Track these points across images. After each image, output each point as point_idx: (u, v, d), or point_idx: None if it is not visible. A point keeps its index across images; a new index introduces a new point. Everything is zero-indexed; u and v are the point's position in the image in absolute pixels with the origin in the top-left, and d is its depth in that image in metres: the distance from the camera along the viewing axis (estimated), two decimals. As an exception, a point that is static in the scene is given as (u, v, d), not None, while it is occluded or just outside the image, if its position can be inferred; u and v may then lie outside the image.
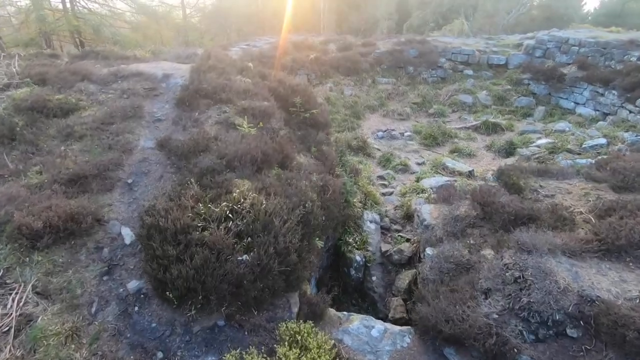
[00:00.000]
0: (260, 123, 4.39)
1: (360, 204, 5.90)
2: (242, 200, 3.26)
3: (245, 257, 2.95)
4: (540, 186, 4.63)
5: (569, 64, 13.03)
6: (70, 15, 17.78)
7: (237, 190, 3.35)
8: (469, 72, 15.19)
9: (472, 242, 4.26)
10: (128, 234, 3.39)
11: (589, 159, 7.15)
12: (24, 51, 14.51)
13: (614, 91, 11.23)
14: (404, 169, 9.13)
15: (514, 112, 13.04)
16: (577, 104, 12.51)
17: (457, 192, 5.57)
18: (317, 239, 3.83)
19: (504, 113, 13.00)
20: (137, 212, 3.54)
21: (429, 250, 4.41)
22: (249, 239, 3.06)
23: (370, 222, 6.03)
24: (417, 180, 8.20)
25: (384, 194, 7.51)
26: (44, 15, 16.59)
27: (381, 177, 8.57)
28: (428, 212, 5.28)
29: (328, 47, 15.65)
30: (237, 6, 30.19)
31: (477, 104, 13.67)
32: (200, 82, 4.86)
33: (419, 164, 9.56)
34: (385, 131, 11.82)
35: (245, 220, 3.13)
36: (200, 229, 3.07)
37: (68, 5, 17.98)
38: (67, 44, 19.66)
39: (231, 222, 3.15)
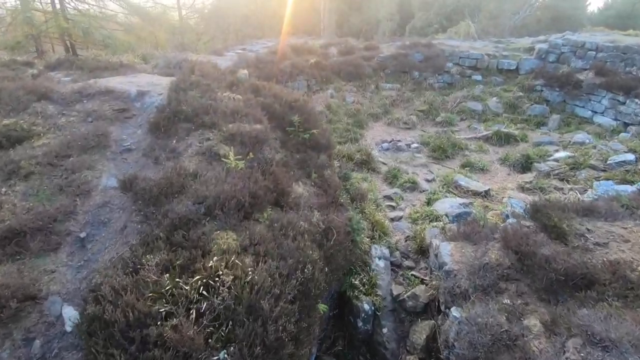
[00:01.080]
0: (251, 153, 3.63)
1: (367, 239, 5.11)
2: (222, 271, 2.49)
3: (223, 354, 2.19)
4: (588, 230, 3.85)
5: (586, 69, 12.26)
6: (60, 17, 16.98)
7: (216, 257, 2.56)
8: (478, 77, 14.41)
9: (508, 302, 3.48)
10: (70, 316, 2.59)
11: (631, 186, 6.35)
12: (9, 55, 13.66)
13: (636, 100, 10.46)
14: (413, 186, 8.34)
15: (526, 120, 12.26)
16: (595, 112, 11.73)
17: (481, 228, 4.77)
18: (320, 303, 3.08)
19: (516, 122, 12.22)
20: (88, 280, 2.74)
21: (455, 312, 3.61)
22: (229, 325, 2.29)
23: (379, 258, 5.25)
24: (428, 202, 7.41)
25: (392, 219, 6.72)
26: (30, 17, 15.81)
27: (388, 197, 7.78)
28: (448, 252, 4.49)
29: (329, 51, 14.87)
30: (236, 7, 29.43)
31: (487, 111, 12.89)
32: (179, 103, 4.09)
33: (428, 180, 8.77)
34: (390, 142, 11.03)
35: (224, 301, 2.36)
36: (162, 317, 2.29)
37: (58, 6, 17.21)
38: (60, 46, 18.87)
39: (205, 302, 2.37)
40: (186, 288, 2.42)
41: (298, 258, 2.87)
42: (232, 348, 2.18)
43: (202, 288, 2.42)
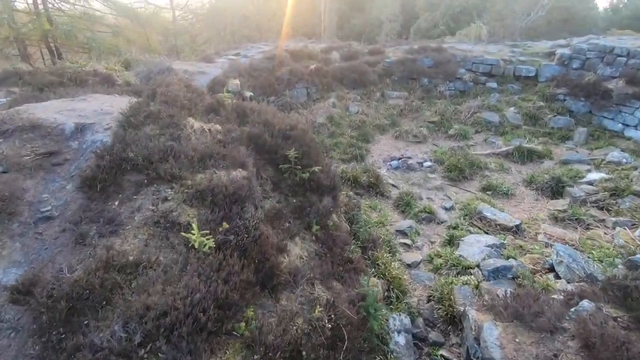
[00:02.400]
0: (224, 223, 2.52)
1: (384, 311, 3.97)
2: None
3: None
4: None
5: (615, 77, 11.14)
6: (43, 18, 15.85)
7: None
8: (493, 84, 13.29)
9: None
10: None
11: None
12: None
13: (676, 113, 9.34)
14: (429, 217, 7.21)
15: (549, 134, 11.14)
16: (627, 126, 10.62)
17: (536, 300, 3.65)
18: None
19: (537, 135, 11.10)
20: None
21: None
22: None
23: (399, 332, 4.11)
24: (450, 240, 6.29)
25: (409, 266, 5.60)
26: (9, 18, 14.68)
27: (402, 233, 6.66)
28: (496, 341, 3.36)
29: (330, 56, 13.75)
30: (233, 7, 28.33)
31: (504, 123, 11.77)
32: (126, 146, 2.99)
33: (446, 208, 7.65)
34: (400, 159, 9.91)
35: None
36: None
37: (41, 6, 16.09)
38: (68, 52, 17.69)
39: None
40: None
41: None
42: None
43: None
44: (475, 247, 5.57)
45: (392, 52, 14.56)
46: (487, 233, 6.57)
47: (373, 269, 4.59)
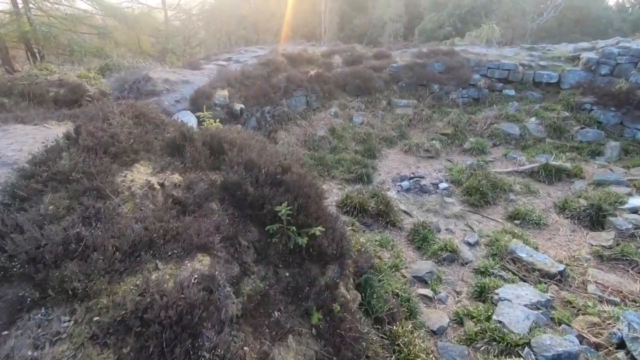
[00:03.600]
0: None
1: None
2: None
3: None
4: None
5: (650, 85, 10.01)
6: (24, 18, 14.72)
7: None
8: (510, 92, 12.18)
9: None
10: None
11: None
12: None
13: None
14: (452, 256, 6.09)
15: (577, 148, 10.01)
16: (666, 140, 9.49)
17: None
18: None
19: (563, 150, 9.98)
20: None
21: None
22: None
23: None
24: (481, 291, 5.17)
25: (434, 332, 4.47)
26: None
27: (420, 280, 5.54)
28: None
29: (332, 60, 12.64)
30: (229, 7, 27.23)
31: (525, 135, 10.65)
32: (1, 237, 1.83)
33: (470, 244, 6.52)
34: (411, 179, 8.78)
35: None
36: None
37: (20, 5, 14.97)
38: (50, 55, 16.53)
39: None
40: None
41: None
42: None
43: None
44: (517, 309, 4.43)
45: (398, 55, 13.44)
46: (524, 280, 5.44)
47: (393, 356, 3.46)
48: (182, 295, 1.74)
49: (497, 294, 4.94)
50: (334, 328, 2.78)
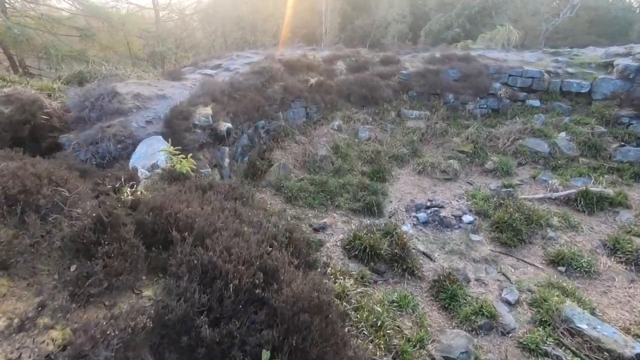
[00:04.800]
0: None
1: None
2: None
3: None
4: None
5: (701, 97, 8.79)
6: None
7: None
8: (535, 102, 10.95)
9: None
10: None
11: None
12: None
13: None
14: (489, 323, 4.84)
15: (617, 170, 8.78)
16: None
17: None
18: None
19: (601, 171, 8.75)
20: None
21: None
22: None
23: None
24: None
25: None
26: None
27: (452, 362, 4.28)
28: None
29: (335, 67, 11.42)
30: (225, 8, 26.00)
31: (555, 153, 9.42)
32: None
33: (509, 303, 5.28)
34: (429, 208, 7.55)
35: None
36: None
37: None
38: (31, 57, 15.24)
39: None
40: None
41: None
42: None
43: None
44: None
45: (408, 61, 12.21)
46: (588, 363, 4.20)
47: None
48: None
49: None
50: None
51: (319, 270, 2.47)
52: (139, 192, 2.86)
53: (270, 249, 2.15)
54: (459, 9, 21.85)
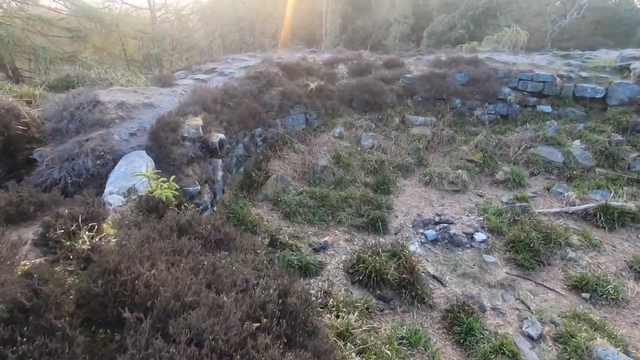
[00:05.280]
0: None
1: None
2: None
3: None
4: None
5: None
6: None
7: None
8: (546, 108, 10.44)
9: None
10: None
11: None
12: None
13: None
14: (510, 363, 4.31)
15: (637, 182, 8.24)
16: None
17: None
18: None
19: (620, 183, 8.24)
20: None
21: None
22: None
23: None
24: None
25: None
26: None
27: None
28: None
29: (336, 70, 10.91)
30: (223, 8, 25.49)
31: (570, 163, 8.91)
32: None
33: (532, 338, 4.76)
34: (437, 225, 7.04)
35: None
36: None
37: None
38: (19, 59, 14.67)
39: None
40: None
41: None
42: None
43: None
44: None
45: (413, 64, 11.70)
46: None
47: None
48: None
49: None
50: None
51: (319, 337, 1.95)
52: (102, 235, 2.34)
53: (257, 325, 1.64)
54: (463, 9, 21.35)
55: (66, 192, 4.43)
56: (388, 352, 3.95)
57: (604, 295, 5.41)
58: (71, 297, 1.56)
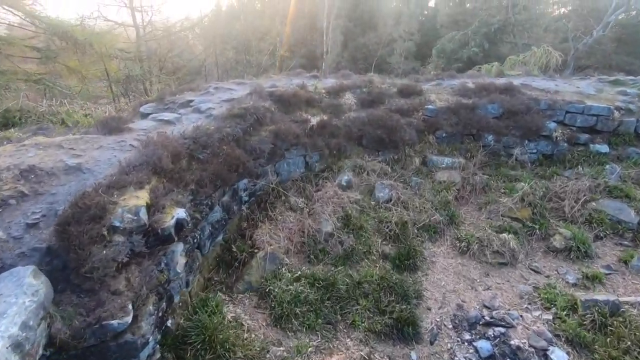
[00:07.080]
0: None
1: None
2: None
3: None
4: None
5: None
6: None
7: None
8: (601, 147, 8.58)
9: None
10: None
11: None
12: None
13: None
14: None
15: None
16: None
17: None
18: None
19: None
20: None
21: None
22: None
23: None
24: None
25: None
26: None
27: None
28: None
29: (342, 101, 9.10)
30: (216, 26, 24.02)
31: (646, 223, 6.91)
32: None
33: None
34: (489, 328, 5.06)
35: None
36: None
37: None
38: None
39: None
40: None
41: None
42: None
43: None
44: None
45: (433, 92, 9.88)
46: None
47: None
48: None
49: None
50: None
51: None
52: None
53: None
54: (476, 26, 19.81)
55: None
56: None
57: None
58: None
